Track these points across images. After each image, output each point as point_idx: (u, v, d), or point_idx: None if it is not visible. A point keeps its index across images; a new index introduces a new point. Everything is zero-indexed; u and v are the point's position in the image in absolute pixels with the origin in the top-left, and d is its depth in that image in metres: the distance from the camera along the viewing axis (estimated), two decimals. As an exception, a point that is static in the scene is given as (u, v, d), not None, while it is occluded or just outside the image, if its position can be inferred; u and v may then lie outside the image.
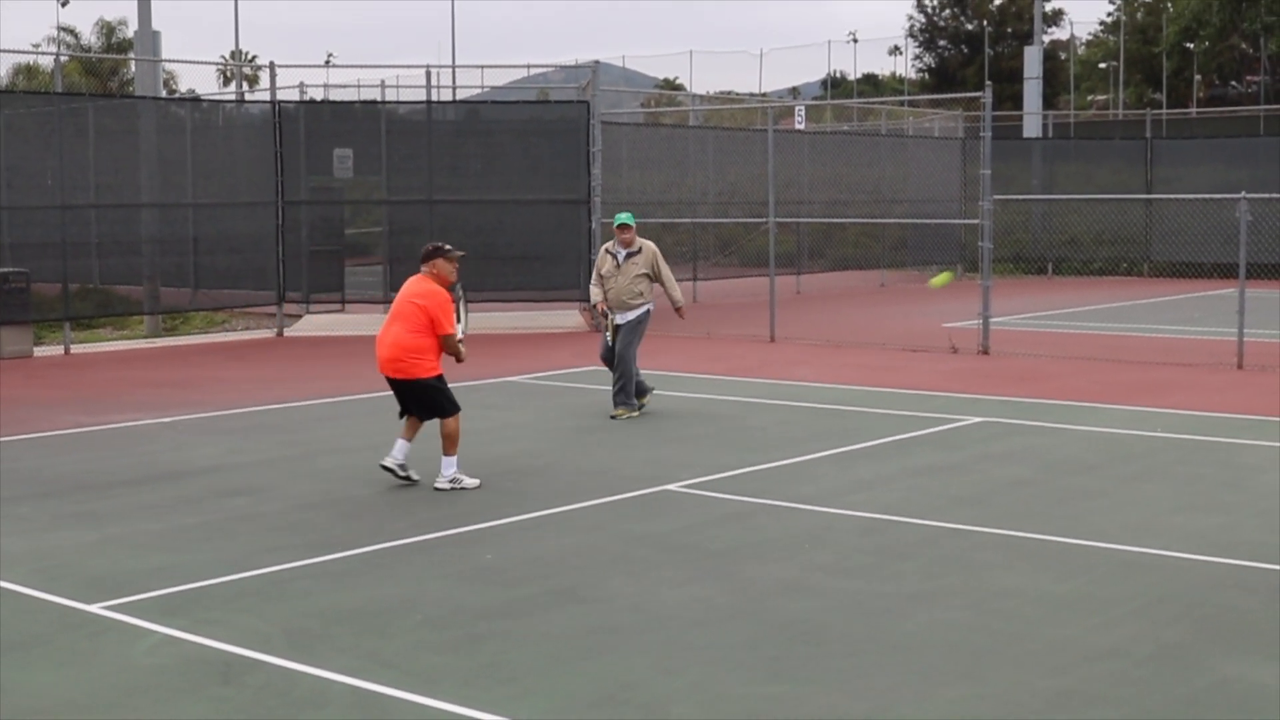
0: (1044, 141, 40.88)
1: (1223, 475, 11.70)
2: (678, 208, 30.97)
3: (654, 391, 15.41)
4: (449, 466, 11.34)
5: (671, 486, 11.35)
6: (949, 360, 19.62)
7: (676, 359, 19.87)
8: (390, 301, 26.18)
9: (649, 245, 15.32)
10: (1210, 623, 7.70)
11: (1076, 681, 6.79)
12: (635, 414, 14.92)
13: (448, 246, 11.58)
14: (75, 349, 21.79)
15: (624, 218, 15.22)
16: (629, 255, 15.13)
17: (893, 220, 34.21)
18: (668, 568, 8.92)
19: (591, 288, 15.45)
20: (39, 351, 21.43)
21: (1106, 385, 16.98)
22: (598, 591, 8.40)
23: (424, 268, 11.49)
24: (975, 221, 21.76)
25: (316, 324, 24.92)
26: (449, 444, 11.35)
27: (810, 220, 32.38)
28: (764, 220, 24.13)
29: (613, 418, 14.94)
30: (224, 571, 8.85)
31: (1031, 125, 43.94)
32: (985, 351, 20.21)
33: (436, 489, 11.25)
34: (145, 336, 23.72)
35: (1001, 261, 33.68)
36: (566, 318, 25.36)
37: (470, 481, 11.32)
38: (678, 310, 15.66)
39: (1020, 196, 33.34)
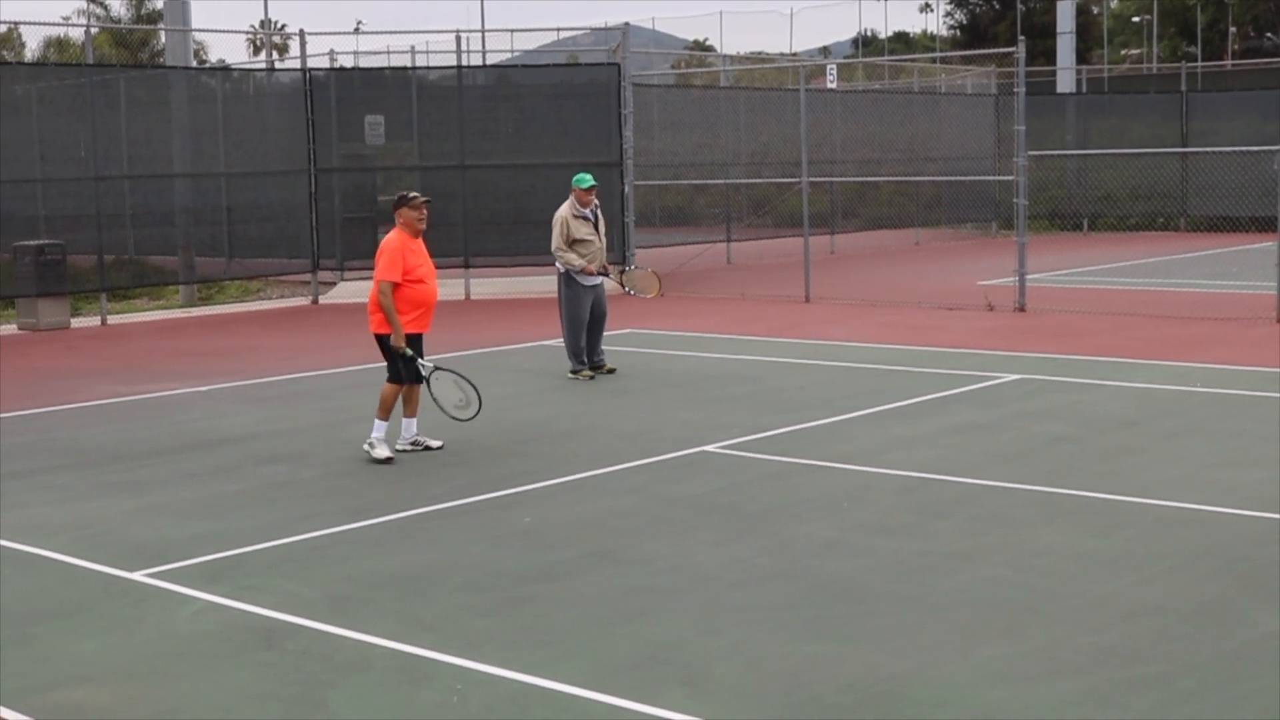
0: (1078, 97, 40.56)
1: (1263, 430, 11.61)
2: (710, 169, 30.90)
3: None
4: (375, 429, 11.15)
5: (709, 447, 11.34)
6: (985, 318, 19.54)
7: (711, 320, 19.84)
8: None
9: (596, 201, 15.25)
10: (1252, 578, 7.65)
11: (1118, 638, 6.76)
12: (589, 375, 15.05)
13: (412, 194, 11.30)
14: (112, 320, 21.89)
15: (591, 178, 15.07)
16: (594, 214, 15.08)
17: (926, 178, 34.04)
18: (706, 529, 8.92)
19: (568, 255, 14.86)
20: (76, 323, 21.53)
21: (1144, 341, 16.88)
22: (636, 553, 8.40)
23: (397, 219, 11.29)
24: (1010, 178, 21.62)
25: (351, 291, 24.93)
26: (378, 407, 11.20)
27: (843, 180, 32.24)
28: (797, 180, 24.04)
29: (610, 371, 15.10)
30: (264, 538, 8.89)
31: (1065, 80, 43.59)
32: (1022, 309, 20.10)
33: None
34: (181, 306, 23.80)
35: (1037, 218, 33.46)
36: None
37: (379, 452, 11.02)
38: (605, 270, 15.35)
39: (1055, 152, 33.12)
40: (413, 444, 11.37)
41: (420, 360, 11.18)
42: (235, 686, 6.41)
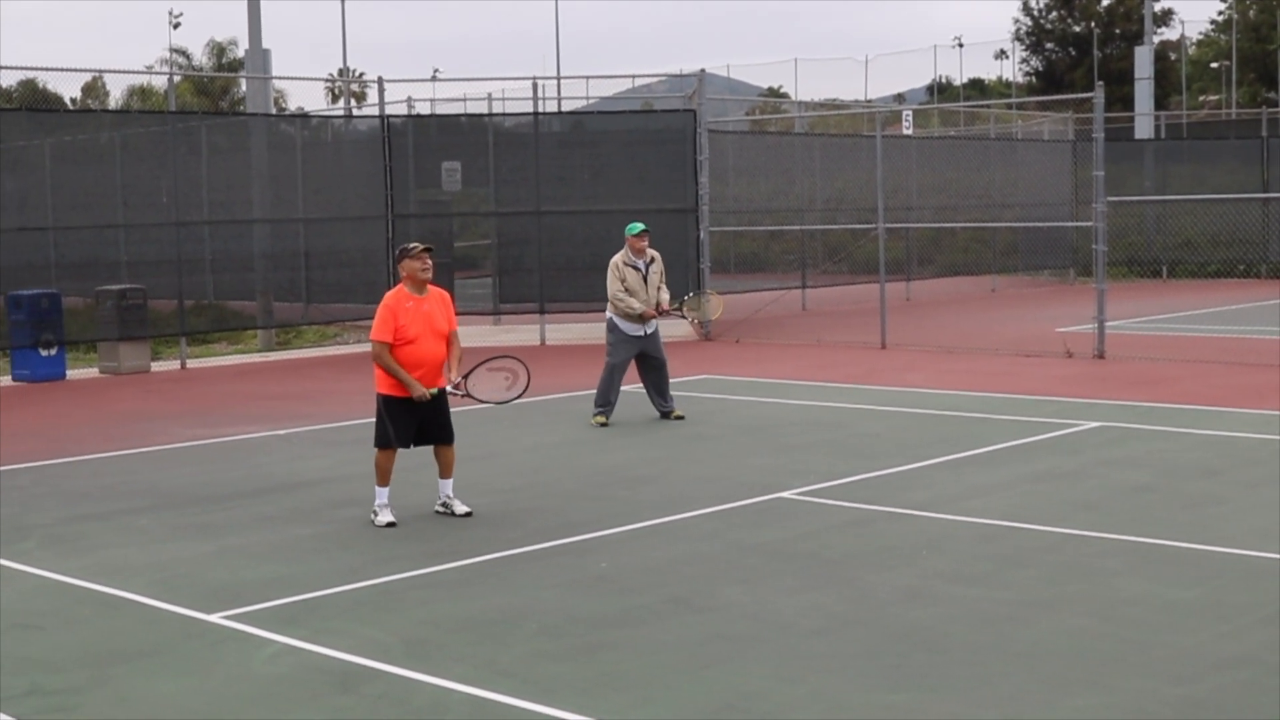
0: (1156, 143, 40.23)
1: (1352, 479, 11.39)
2: (785, 215, 30.84)
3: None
4: (376, 496, 10.64)
5: (786, 494, 11.26)
6: (1064, 365, 19.33)
7: (787, 367, 19.76)
8: (499, 313, 26.39)
9: (656, 253, 15.32)
10: (1345, 629, 7.48)
11: (1208, 690, 6.61)
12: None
13: (412, 245, 10.65)
14: (191, 364, 22.09)
15: (641, 226, 15.14)
16: (648, 264, 15.09)
17: (1003, 224, 33.82)
18: (784, 576, 8.83)
19: (628, 299, 14.94)
20: (156, 366, 21.75)
21: (1227, 389, 16.64)
22: (713, 600, 8.33)
23: (400, 272, 10.77)
24: (1088, 224, 21.45)
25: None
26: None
27: (920, 226, 32.09)
28: (873, 226, 23.95)
29: (680, 417, 15.07)
30: (340, 581, 8.89)
31: (1143, 126, 43.27)
32: (1101, 355, 19.88)
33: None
34: (259, 351, 24.00)
35: (1115, 264, 33.12)
36: (676, 326, 25.27)
37: (381, 519, 10.47)
38: (663, 311, 15.27)
39: (1134, 198, 32.83)
40: (442, 505, 10.86)
41: (447, 389, 10.67)
42: (312, 730, 6.39)
